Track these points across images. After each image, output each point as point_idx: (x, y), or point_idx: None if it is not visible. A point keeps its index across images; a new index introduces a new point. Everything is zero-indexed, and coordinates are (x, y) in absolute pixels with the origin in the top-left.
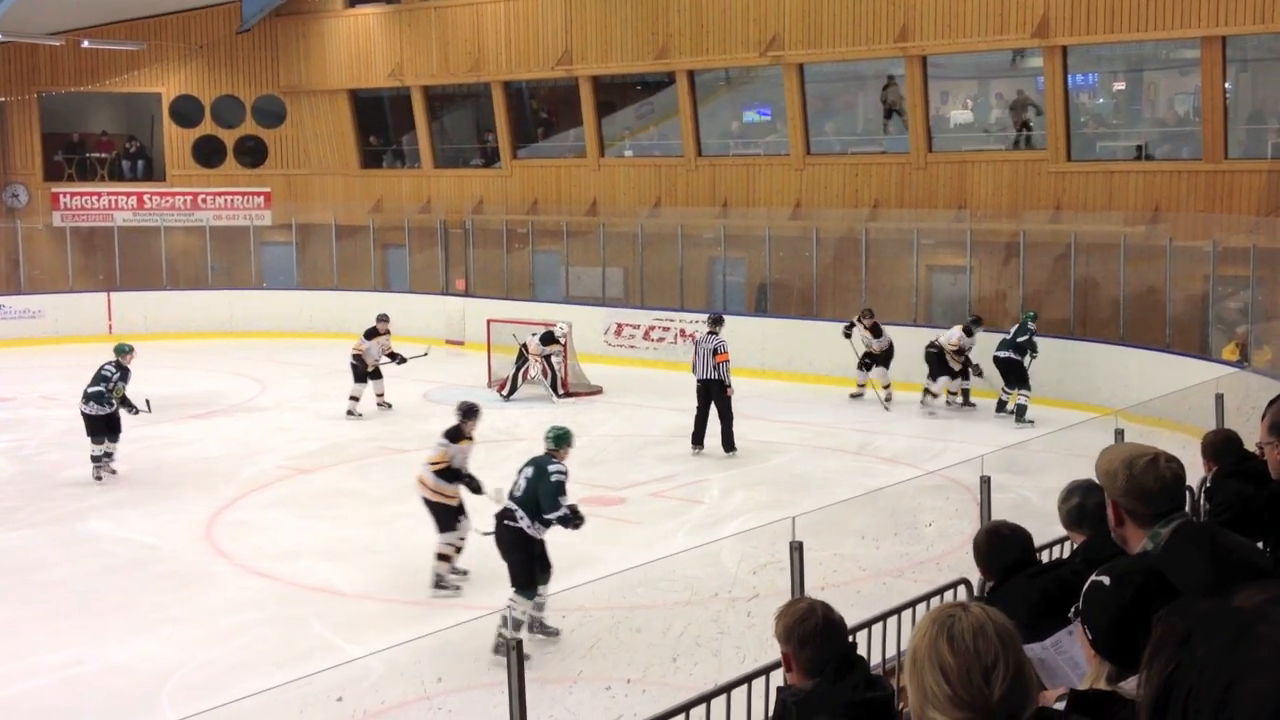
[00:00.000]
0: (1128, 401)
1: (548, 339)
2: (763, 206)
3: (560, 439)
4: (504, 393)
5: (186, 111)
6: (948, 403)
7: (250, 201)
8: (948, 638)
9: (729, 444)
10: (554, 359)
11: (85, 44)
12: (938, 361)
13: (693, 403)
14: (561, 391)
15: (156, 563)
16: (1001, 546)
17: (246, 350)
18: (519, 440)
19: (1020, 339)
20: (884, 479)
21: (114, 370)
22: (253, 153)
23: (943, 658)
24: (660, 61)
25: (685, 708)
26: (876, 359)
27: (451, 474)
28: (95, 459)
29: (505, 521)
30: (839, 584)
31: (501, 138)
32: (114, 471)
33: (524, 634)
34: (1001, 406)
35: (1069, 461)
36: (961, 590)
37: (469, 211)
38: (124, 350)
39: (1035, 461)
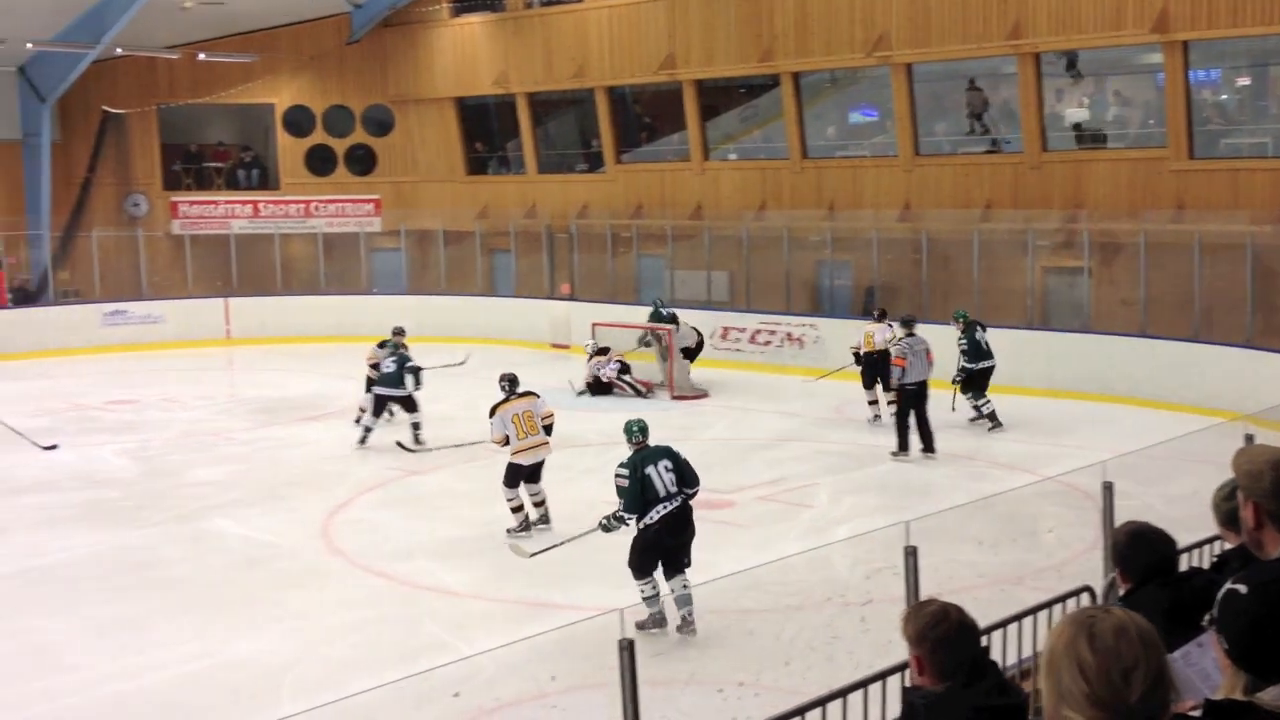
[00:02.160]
0: (1254, 407)
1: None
2: (870, 208)
3: (645, 430)
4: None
5: (299, 121)
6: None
7: (360, 209)
8: (1088, 636)
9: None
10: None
11: (201, 57)
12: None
13: (798, 406)
14: (644, 390)
15: (275, 560)
16: (1144, 548)
17: (357, 354)
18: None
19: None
20: (999, 485)
21: (396, 353)
22: (362, 161)
23: (1081, 656)
24: (765, 64)
25: (800, 711)
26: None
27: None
28: (416, 425)
29: (688, 511)
30: (955, 590)
31: (605, 143)
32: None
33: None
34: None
35: (1195, 468)
36: (1085, 598)
37: (573, 216)
38: (399, 332)
39: (1159, 468)
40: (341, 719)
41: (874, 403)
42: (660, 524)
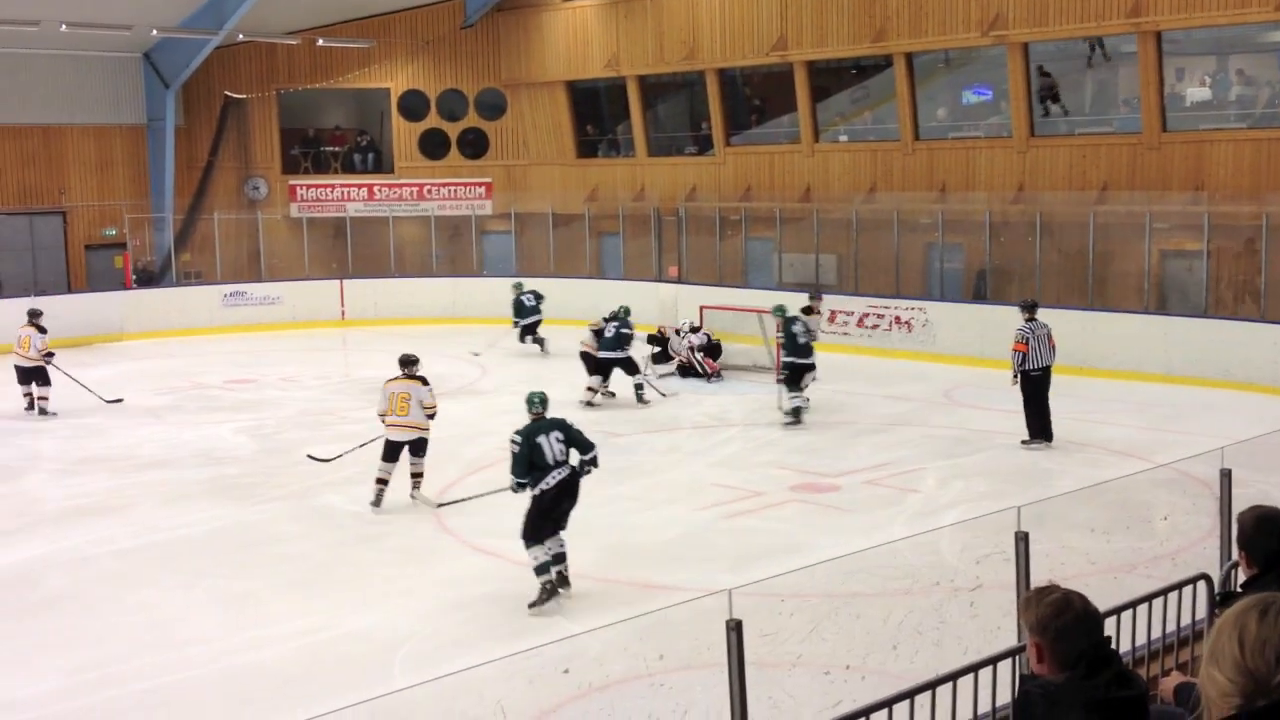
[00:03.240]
0: None
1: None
2: (983, 190)
3: (544, 401)
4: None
5: (413, 106)
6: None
7: (472, 192)
8: (1260, 611)
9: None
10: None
11: (320, 43)
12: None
13: (907, 390)
14: (710, 372)
15: (386, 537)
16: (1271, 532)
17: (468, 335)
18: (730, 425)
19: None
20: (1112, 471)
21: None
22: (475, 144)
23: (1245, 626)
24: (877, 45)
25: (908, 695)
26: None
27: None
28: (639, 386)
29: (576, 480)
30: (1067, 577)
31: (715, 125)
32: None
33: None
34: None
35: None
36: (1202, 586)
37: (682, 199)
38: (627, 311)
39: (1278, 456)
40: (453, 693)
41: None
42: (555, 489)
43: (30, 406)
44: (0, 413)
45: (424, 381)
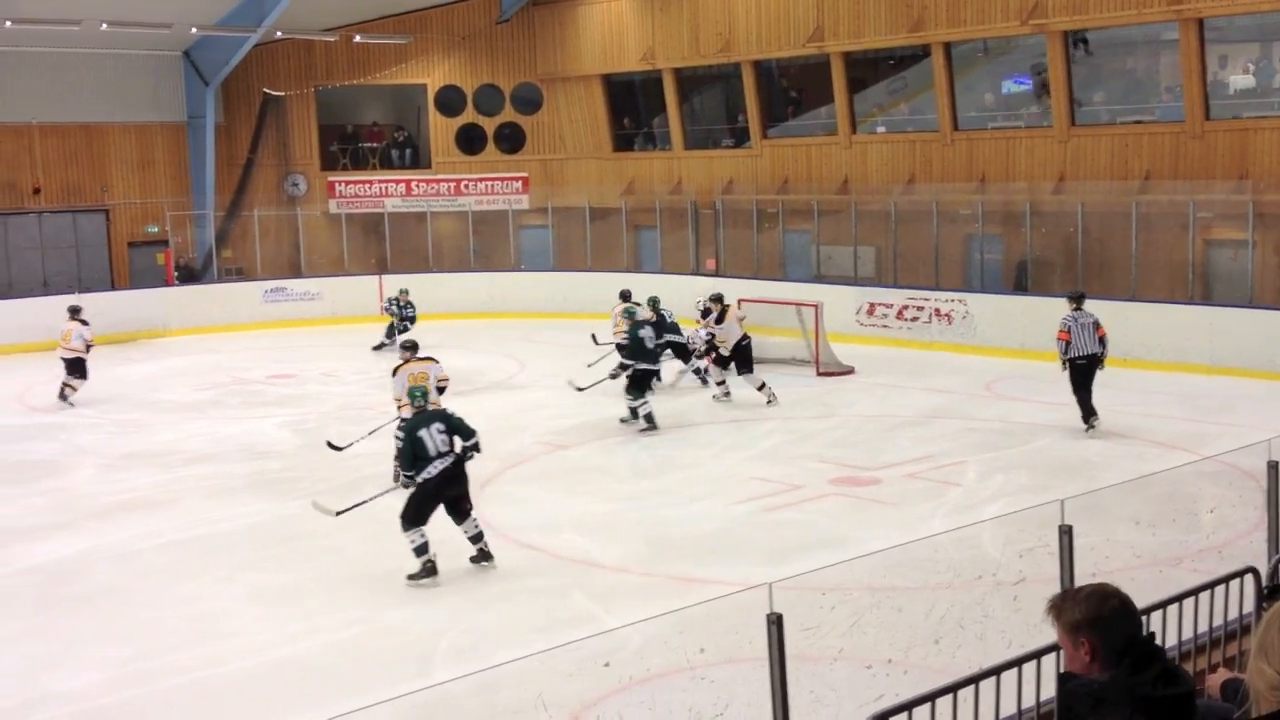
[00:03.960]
0: None
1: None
2: (1023, 181)
3: (425, 394)
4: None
5: (450, 101)
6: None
7: (509, 187)
8: None
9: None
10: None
11: (357, 39)
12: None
13: (947, 382)
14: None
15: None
16: None
17: (505, 330)
18: (769, 419)
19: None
20: (1156, 463)
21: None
22: (511, 139)
23: None
24: (915, 34)
25: (952, 689)
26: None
27: None
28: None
29: (459, 469)
30: (1111, 571)
31: (751, 117)
32: None
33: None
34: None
35: None
36: (1249, 579)
37: (719, 192)
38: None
39: None
40: (494, 686)
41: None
42: (438, 478)
43: (62, 396)
44: (47, 409)
45: (435, 360)
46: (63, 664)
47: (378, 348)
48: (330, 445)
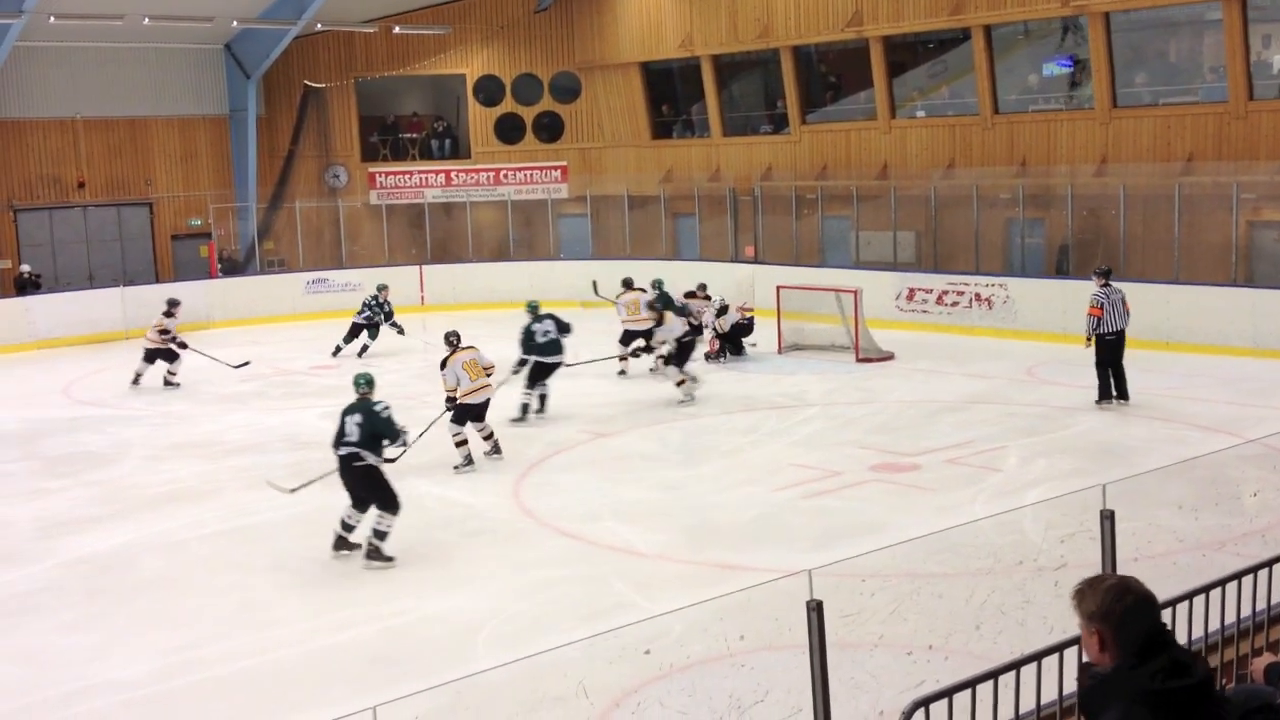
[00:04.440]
0: None
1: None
2: (1064, 164)
3: (370, 382)
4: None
5: (489, 91)
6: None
7: (548, 175)
8: None
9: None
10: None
11: (396, 30)
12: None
13: (987, 367)
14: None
15: (469, 520)
16: None
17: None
18: (809, 405)
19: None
20: (1199, 447)
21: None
22: (550, 128)
23: None
24: (955, 18)
25: (993, 674)
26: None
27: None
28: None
29: (354, 464)
30: (1154, 555)
31: (790, 103)
32: None
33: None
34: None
35: None
36: None
37: (758, 179)
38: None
39: None
40: (536, 673)
41: None
42: (337, 467)
43: (135, 382)
44: (93, 402)
45: (476, 348)
46: (112, 653)
47: (335, 353)
48: (272, 485)
